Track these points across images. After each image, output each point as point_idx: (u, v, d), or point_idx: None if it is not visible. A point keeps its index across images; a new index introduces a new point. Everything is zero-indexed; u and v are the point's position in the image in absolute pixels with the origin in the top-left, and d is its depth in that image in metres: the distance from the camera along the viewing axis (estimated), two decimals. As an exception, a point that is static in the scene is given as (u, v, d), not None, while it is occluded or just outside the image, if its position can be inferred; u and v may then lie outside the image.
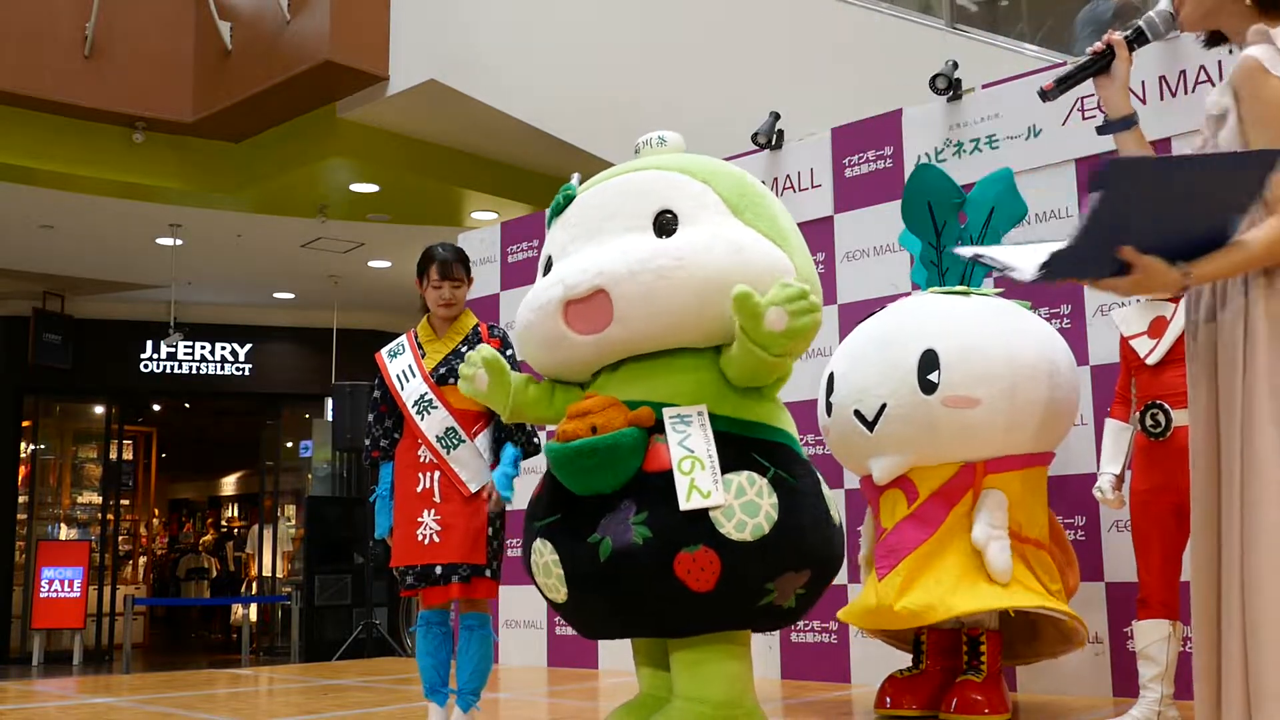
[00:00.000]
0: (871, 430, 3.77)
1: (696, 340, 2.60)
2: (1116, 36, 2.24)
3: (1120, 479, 3.67)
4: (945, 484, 3.72)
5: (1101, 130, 2.33)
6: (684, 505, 2.40)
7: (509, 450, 3.48)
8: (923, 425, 3.68)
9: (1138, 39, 2.26)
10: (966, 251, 2.23)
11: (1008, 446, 3.73)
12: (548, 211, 2.87)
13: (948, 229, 4.12)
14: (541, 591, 2.68)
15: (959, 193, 4.16)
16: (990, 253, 2.25)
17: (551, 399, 2.81)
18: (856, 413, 3.82)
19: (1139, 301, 3.67)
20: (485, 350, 2.81)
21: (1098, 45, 2.26)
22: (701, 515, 2.41)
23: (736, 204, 2.66)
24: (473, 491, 3.40)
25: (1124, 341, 3.68)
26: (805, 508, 2.53)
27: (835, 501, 2.66)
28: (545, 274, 2.77)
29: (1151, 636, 3.49)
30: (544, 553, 2.59)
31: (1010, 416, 3.68)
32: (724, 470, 2.46)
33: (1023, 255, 2.05)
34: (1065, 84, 2.29)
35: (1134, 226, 1.83)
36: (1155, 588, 3.50)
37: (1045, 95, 2.30)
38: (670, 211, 2.62)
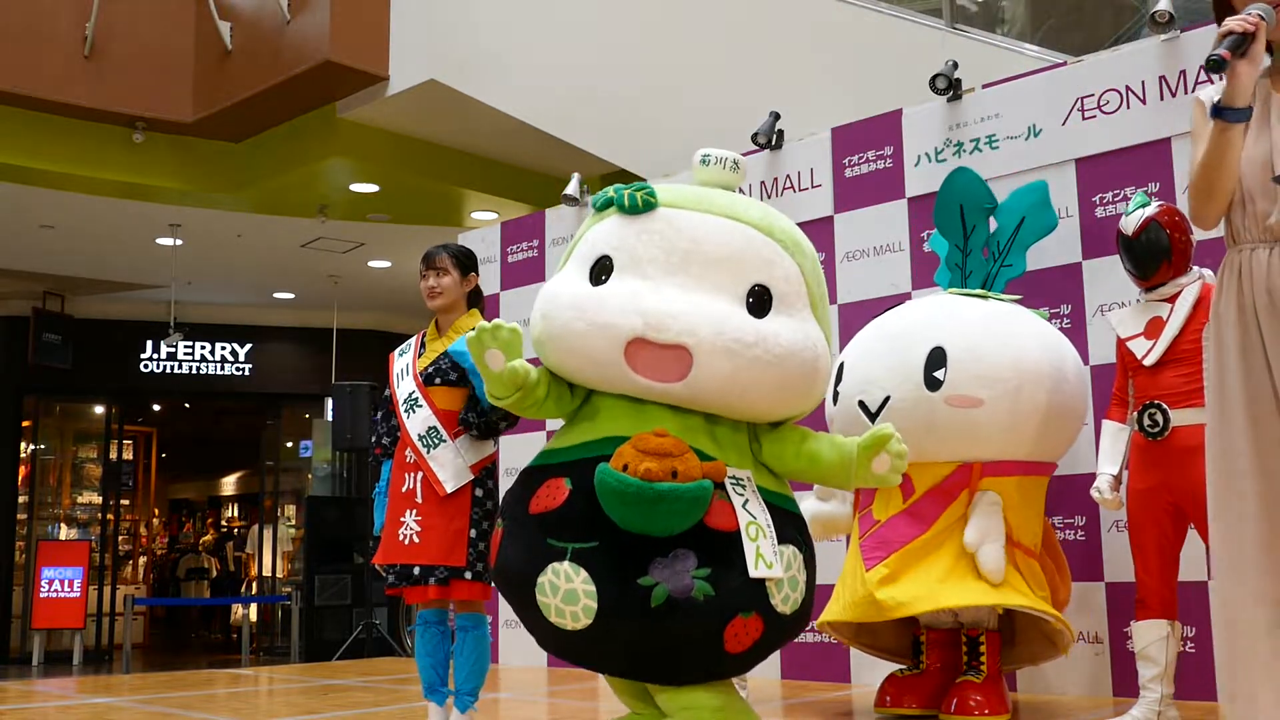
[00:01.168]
0: (873, 421, 3.79)
1: (745, 417, 2.64)
2: (1264, 23, 2.18)
3: (1118, 480, 3.66)
4: (942, 482, 3.74)
5: (1219, 115, 2.21)
6: (753, 573, 2.43)
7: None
8: (924, 421, 3.69)
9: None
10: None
11: (1007, 450, 3.73)
12: (607, 199, 2.65)
13: (976, 233, 4.15)
14: (541, 612, 2.46)
15: (991, 198, 4.20)
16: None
17: (543, 404, 2.69)
18: (861, 403, 3.85)
19: (1137, 302, 3.66)
20: (519, 362, 2.58)
21: (1247, 24, 2.17)
22: (759, 584, 2.45)
23: (815, 297, 2.66)
24: (449, 492, 3.38)
25: (1120, 343, 3.67)
26: (813, 585, 2.63)
27: None
28: (596, 271, 2.59)
29: (1150, 637, 3.48)
30: (572, 578, 2.41)
31: (1012, 420, 3.68)
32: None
33: None
34: (1236, 52, 2.17)
35: None
36: (1153, 588, 3.50)
37: (1221, 65, 2.16)
38: (767, 290, 2.56)
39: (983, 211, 4.17)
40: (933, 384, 3.69)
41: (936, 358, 3.71)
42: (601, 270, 2.59)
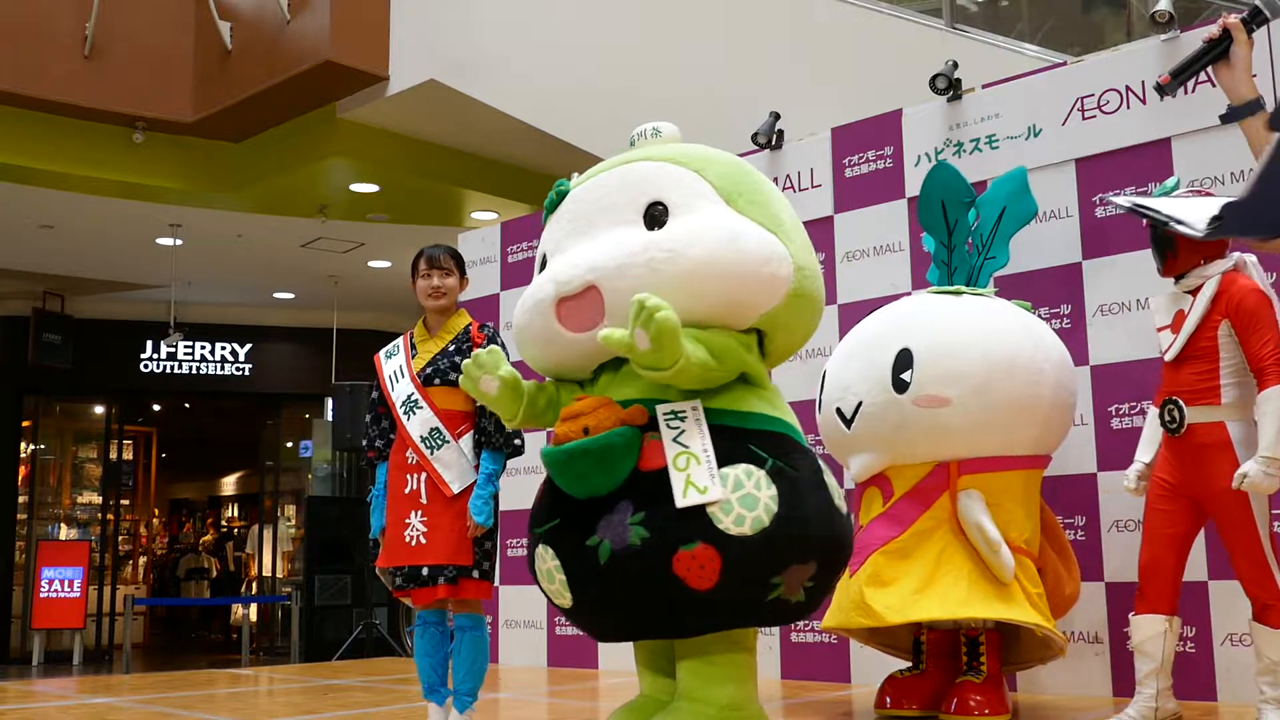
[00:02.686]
0: (849, 428, 3.83)
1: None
2: (1232, 20, 2.20)
3: (1149, 468, 3.59)
4: (919, 484, 3.73)
5: (1226, 118, 2.26)
6: (680, 502, 2.36)
7: (485, 463, 3.43)
8: (894, 424, 3.70)
9: (1255, 19, 2.21)
10: (1124, 201, 2.17)
11: (981, 447, 3.69)
12: (544, 208, 2.82)
13: (959, 228, 4.13)
14: (548, 597, 2.63)
15: (970, 191, 4.18)
16: (1153, 204, 2.16)
17: (558, 405, 2.74)
18: (838, 410, 3.88)
19: (1173, 290, 3.53)
20: (505, 369, 2.66)
21: (1213, 31, 2.22)
22: (699, 512, 2.36)
23: (729, 191, 2.61)
24: (455, 492, 3.39)
25: (1159, 331, 3.58)
26: (806, 497, 2.46)
27: (838, 490, 2.58)
28: (541, 271, 2.74)
29: (1148, 632, 3.45)
30: (546, 558, 2.55)
31: (981, 416, 3.64)
32: (721, 464, 2.40)
33: (1192, 208, 1.97)
34: (1182, 75, 2.24)
35: None
36: (1155, 579, 3.44)
37: (1162, 90, 2.25)
38: (661, 203, 2.58)
39: (963, 205, 4.15)
40: (900, 386, 3.69)
41: (903, 359, 3.71)
42: (542, 268, 2.73)
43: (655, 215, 2.57)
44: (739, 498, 2.37)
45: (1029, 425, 3.74)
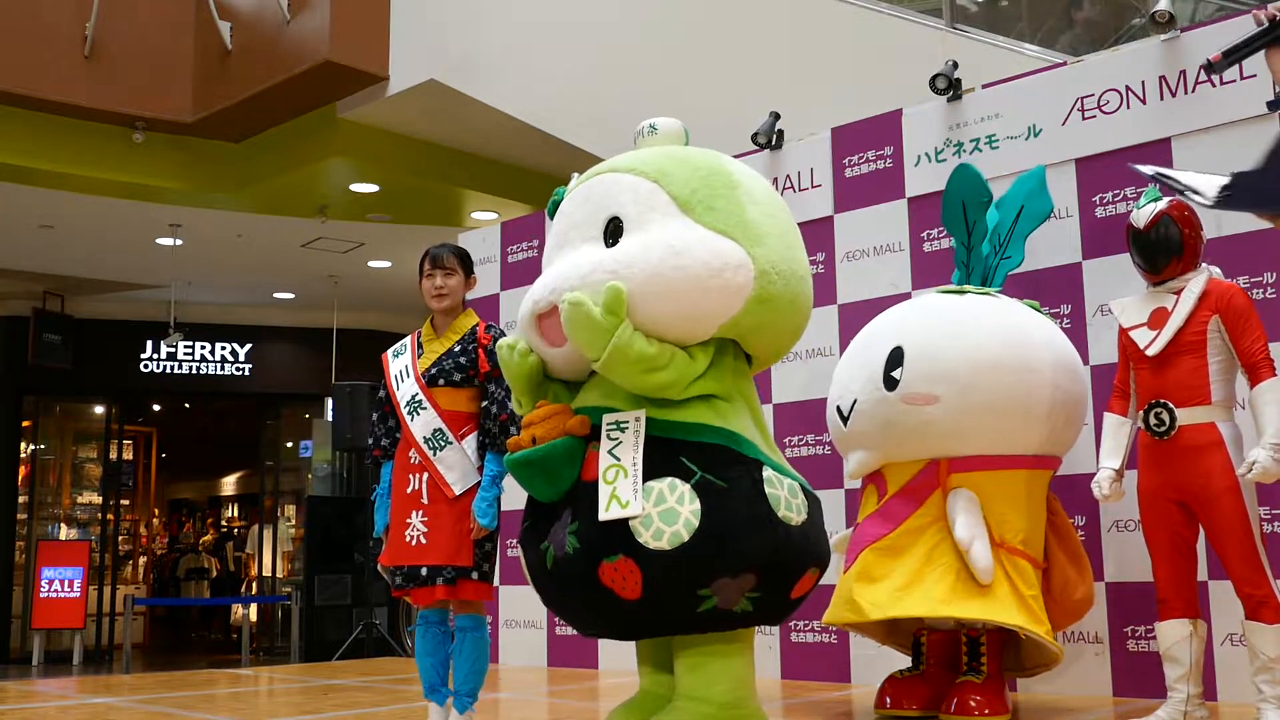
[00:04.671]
0: (846, 425, 3.89)
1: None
2: None
3: (1120, 474, 3.60)
4: (910, 481, 3.75)
5: (1273, 105, 2.28)
6: (603, 515, 2.41)
7: (489, 465, 3.41)
8: (883, 422, 3.74)
9: None
10: (1148, 170, 2.19)
11: (967, 446, 3.70)
12: (546, 214, 2.89)
13: (977, 229, 4.16)
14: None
15: (988, 192, 4.21)
16: (1173, 174, 2.19)
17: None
18: (838, 408, 3.94)
19: (1146, 292, 3.58)
20: (531, 361, 2.76)
21: (1272, 11, 2.22)
22: (621, 525, 2.39)
23: (687, 200, 2.59)
24: (457, 494, 3.39)
25: (1123, 332, 3.60)
26: (734, 511, 2.42)
27: (795, 501, 2.52)
28: None
29: (1173, 637, 3.43)
30: (522, 555, 2.72)
31: (965, 415, 3.65)
32: (649, 476, 2.41)
33: (1207, 181, 2.01)
34: (1233, 56, 2.24)
35: None
36: (1170, 587, 3.44)
37: (1211, 68, 2.26)
38: (618, 218, 2.60)
39: (981, 206, 4.18)
40: (890, 384, 3.73)
41: (895, 358, 3.75)
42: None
43: (613, 231, 2.61)
44: (660, 512, 2.38)
45: (1018, 425, 3.71)
